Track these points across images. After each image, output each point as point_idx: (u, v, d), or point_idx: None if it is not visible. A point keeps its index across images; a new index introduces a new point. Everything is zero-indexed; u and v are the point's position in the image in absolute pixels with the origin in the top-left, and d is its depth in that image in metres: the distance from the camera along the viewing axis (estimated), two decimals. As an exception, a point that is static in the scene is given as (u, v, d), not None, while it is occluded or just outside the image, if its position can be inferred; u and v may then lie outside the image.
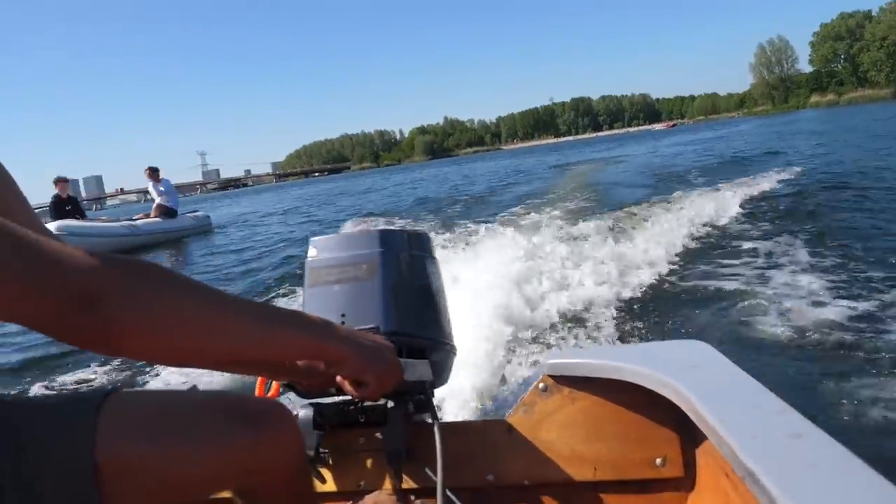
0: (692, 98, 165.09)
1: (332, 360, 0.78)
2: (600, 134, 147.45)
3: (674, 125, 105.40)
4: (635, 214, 6.57)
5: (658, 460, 1.03)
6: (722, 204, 6.63)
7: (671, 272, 4.47)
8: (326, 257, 1.10)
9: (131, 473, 0.63)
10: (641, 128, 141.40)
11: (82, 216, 11.22)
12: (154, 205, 12.27)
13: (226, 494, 0.85)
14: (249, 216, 17.59)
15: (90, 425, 0.63)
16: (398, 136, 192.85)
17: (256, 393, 1.07)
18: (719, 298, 3.77)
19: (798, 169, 9.10)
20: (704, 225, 5.86)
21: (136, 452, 0.64)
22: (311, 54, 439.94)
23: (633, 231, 5.72)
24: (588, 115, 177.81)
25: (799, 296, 3.56)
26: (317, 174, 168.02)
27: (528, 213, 7.76)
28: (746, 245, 5.04)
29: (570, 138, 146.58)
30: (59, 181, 11.12)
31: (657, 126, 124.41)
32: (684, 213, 6.29)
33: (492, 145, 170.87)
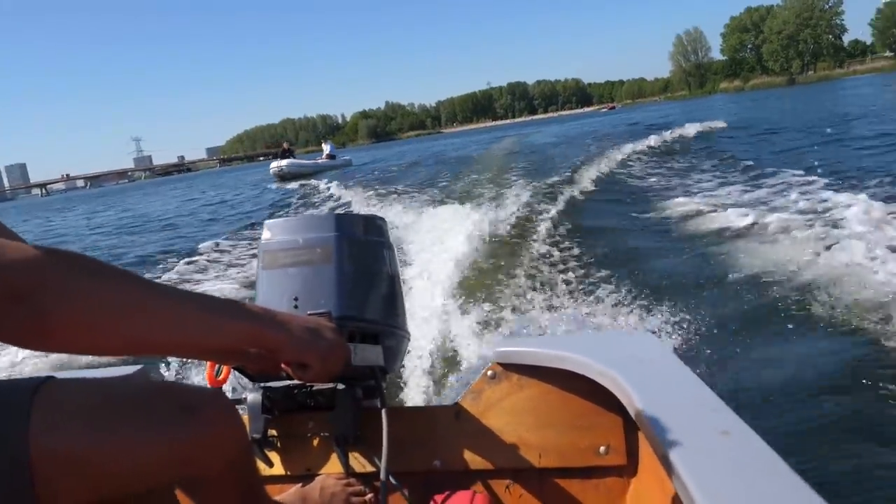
0: (621, 83, 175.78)
1: (269, 347, 0.77)
2: (536, 117, 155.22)
3: (613, 108, 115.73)
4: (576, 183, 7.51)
5: (602, 448, 1.06)
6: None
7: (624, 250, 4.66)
8: (281, 240, 1.08)
9: (66, 464, 0.61)
10: (585, 109, 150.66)
11: (293, 157, 24.25)
12: (324, 154, 26.04)
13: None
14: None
15: (24, 414, 0.60)
16: (340, 121, 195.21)
17: (206, 376, 1.07)
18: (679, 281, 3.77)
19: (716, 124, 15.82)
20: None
21: (72, 443, 0.61)
22: (246, 38, 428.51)
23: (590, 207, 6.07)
24: (524, 99, 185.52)
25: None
26: (261, 158, 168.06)
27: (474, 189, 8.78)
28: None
29: (508, 121, 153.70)
30: (284, 141, 24.69)
31: (601, 108, 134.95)
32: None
33: (433, 129, 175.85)
